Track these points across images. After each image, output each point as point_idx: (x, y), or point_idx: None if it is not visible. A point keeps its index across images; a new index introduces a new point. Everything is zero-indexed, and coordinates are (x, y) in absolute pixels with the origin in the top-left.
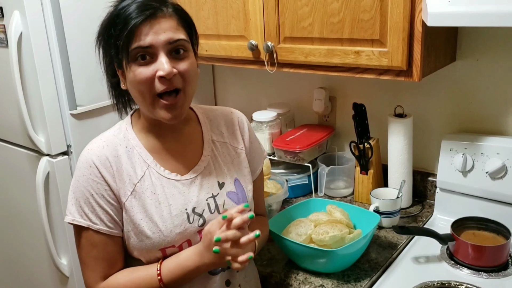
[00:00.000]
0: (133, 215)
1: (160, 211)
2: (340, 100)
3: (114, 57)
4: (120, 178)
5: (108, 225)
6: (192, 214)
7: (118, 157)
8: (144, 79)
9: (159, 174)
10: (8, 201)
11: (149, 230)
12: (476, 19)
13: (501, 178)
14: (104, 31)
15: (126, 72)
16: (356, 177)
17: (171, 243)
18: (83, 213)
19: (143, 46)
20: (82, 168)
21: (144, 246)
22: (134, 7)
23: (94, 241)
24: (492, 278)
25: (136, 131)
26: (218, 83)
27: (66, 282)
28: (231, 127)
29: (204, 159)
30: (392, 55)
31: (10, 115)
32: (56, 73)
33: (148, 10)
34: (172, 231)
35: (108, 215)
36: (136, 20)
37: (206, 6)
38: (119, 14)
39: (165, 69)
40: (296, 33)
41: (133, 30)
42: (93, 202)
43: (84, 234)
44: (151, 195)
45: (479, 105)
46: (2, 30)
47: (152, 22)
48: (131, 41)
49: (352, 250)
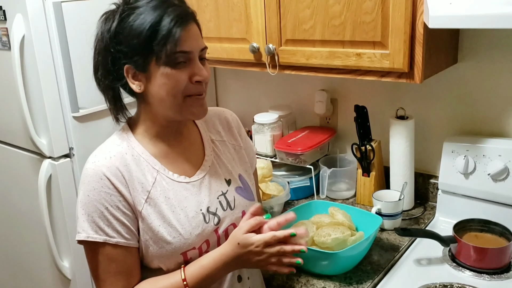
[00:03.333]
0: (151, 222)
1: (177, 215)
2: (342, 102)
3: (134, 61)
4: (133, 187)
5: (126, 237)
6: (208, 214)
7: (127, 166)
8: (180, 82)
9: (169, 178)
10: (10, 203)
11: (169, 236)
12: (477, 21)
13: (503, 180)
14: (146, 36)
15: (153, 75)
16: (358, 179)
17: (192, 245)
18: (98, 228)
19: (185, 51)
20: (92, 182)
21: (165, 252)
22: (173, 12)
23: (112, 256)
24: (494, 280)
25: (138, 138)
26: (219, 85)
27: (68, 285)
28: (227, 125)
29: (208, 158)
30: (394, 57)
31: (12, 117)
32: (58, 76)
33: (187, 16)
34: (192, 233)
35: (125, 226)
36: (179, 26)
37: (208, 9)
38: (159, 21)
39: (204, 75)
40: (298, 35)
41: (176, 34)
42: (108, 215)
43: (100, 250)
44: (165, 200)
45: (481, 107)
46: (5, 33)
47: (187, 28)
48: (174, 45)
49: (354, 252)
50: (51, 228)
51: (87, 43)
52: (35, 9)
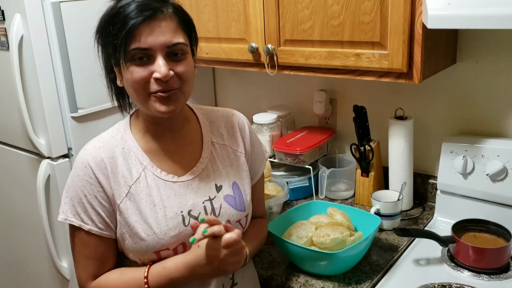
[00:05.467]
0: (128, 217)
1: (155, 214)
2: (341, 102)
3: (111, 55)
4: (115, 180)
5: (99, 226)
6: (188, 217)
7: (114, 158)
8: (139, 79)
9: (155, 176)
10: (8, 203)
11: (143, 233)
12: (476, 21)
13: (501, 180)
14: (102, 28)
15: (123, 70)
16: (357, 180)
17: (165, 246)
18: (76, 213)
19: (142, 48)
20: (78, 169)
21: (139, 248)
22: (134, 7)
23: (85, 240)
24: (493, 280)
25: (134, 132)
26: (218, 85)
27: (67, 285)
28: (232, 129)
29: (203, 161)
30: (393, 58)
31: (11, 117)
32: (57, 76)
33: (148, 11)
34: (167, 233)
35: (100, 216)
36: (135, 20)
37: (207, 9)
38: (118, 13)
39: (162, 72)
40: (297, 35)
41: (131, 30)
42: (86, 202)
43: (76, 233)
44: (146, 197)
45: (480, 107)
46: (3, 33)
47: (151, 24)
48: (130, 41)
49: (353, 253)
50: (50, 228)
51: (85, 43)
52: (33, 9)
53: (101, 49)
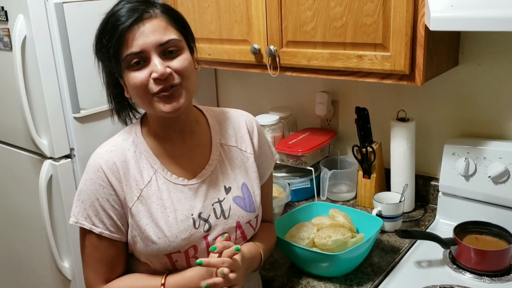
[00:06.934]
0: (139, 220)
1: (166, 217)
2: (343, 104)
3: (113, 68)
4: (127, 184)
5: (110, 229)
6: (198, 220)
7: (126, 162)
8: (139, 83)
9: (166, 179)
10: (10, 204)
11: (155, 236)
12: (478, 23)
13: (503, 182)
14: (97, 42)
15: (125, 79)
16: (359, 181)
17: (176, 248)
18: (87, 216)
19: (135, 53)
20: (90, 172)
21: (150, 251)
22: (122, 13)
23: (95, 243)
24: (494, 282)
25: (144, 135)
26: (220, 87)
27: (69, 285)
28: (240, 130)
29: (211, 163)
30: (395, 59)
31: (13, 118)
32: (59, 76)
33: (135, 14)
34: (178, 236)
35: (111, 219)
36: (123, 25)
37: (209, 11)
38: (107, 23)
39: (158, 71)
40: (299, 37)
41: (122, 36)
42: (98, 206)
43: (87, 236)
44: (157, 200)
45: (482, 109)
46: (6, 34)
47: (140, 26)
48: (122, 49)
49: (354, 254)
50: (52, 228)
51: (88, 44)
52: (36, 10)
53: (101, 65)
